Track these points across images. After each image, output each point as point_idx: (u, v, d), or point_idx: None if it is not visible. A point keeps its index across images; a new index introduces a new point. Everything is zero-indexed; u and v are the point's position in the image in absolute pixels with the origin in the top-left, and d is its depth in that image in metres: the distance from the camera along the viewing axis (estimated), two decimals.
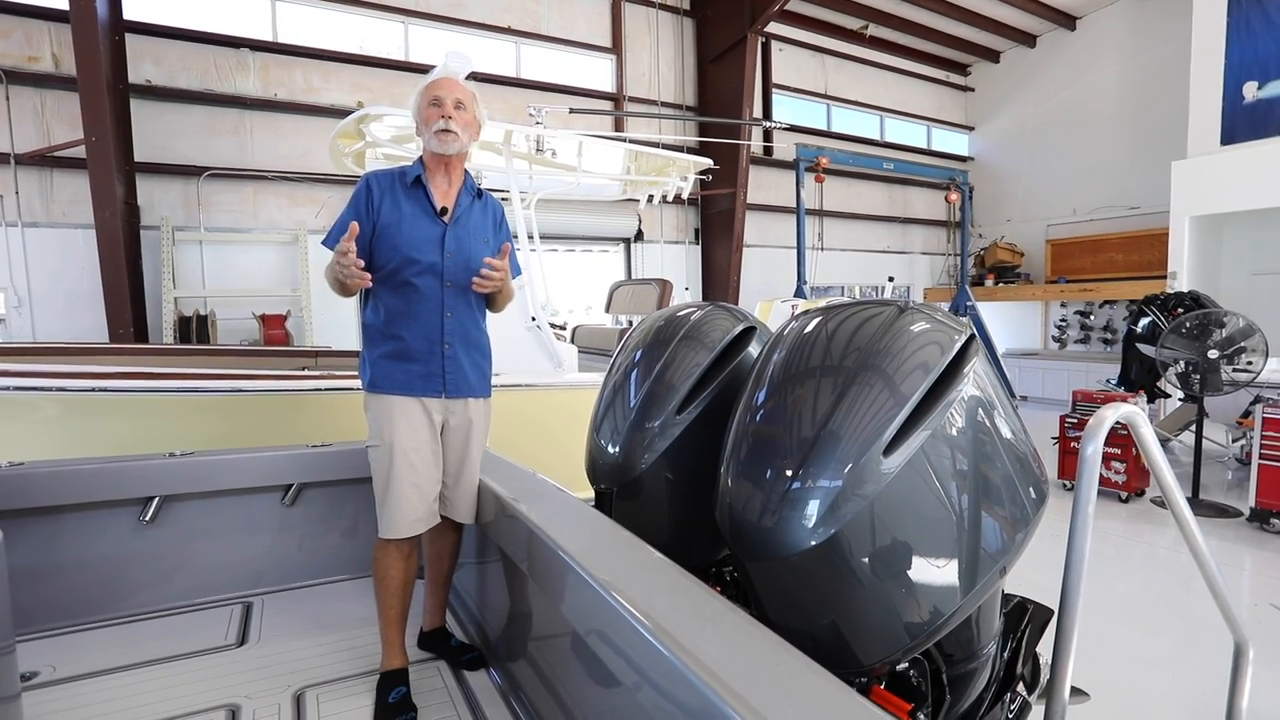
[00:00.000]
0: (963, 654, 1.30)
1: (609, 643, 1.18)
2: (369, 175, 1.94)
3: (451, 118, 1.90)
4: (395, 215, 1.90)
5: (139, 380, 3.32)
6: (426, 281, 1.89)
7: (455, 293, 1.92)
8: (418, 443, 1.87)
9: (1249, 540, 4.55)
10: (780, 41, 10.83)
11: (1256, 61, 7.70)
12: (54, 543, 2.19)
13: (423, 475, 1.88)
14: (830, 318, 1.26)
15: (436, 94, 1.92)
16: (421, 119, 1.94)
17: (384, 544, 1.87)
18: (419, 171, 1.95)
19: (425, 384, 1.89)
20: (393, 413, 1.86)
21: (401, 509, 1.85)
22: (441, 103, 1.91)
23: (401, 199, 1.92)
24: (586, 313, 9.33)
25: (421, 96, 1.95)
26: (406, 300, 1.88)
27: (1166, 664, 3.01)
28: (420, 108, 1.95)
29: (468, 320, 1.96)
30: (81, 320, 6.46)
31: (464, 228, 1.96)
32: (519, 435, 3.91)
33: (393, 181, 1.94)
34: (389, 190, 1.92)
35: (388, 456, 1.85)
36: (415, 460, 1.86)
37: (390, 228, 1.88)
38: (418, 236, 1.89)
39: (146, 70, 6.81)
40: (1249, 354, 5.14)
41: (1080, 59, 11.48)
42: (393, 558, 1.87)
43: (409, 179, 1.94)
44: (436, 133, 1.89)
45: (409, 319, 1.89)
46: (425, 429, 1.89)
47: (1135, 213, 10.70)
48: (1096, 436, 1.15)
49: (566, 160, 4.94)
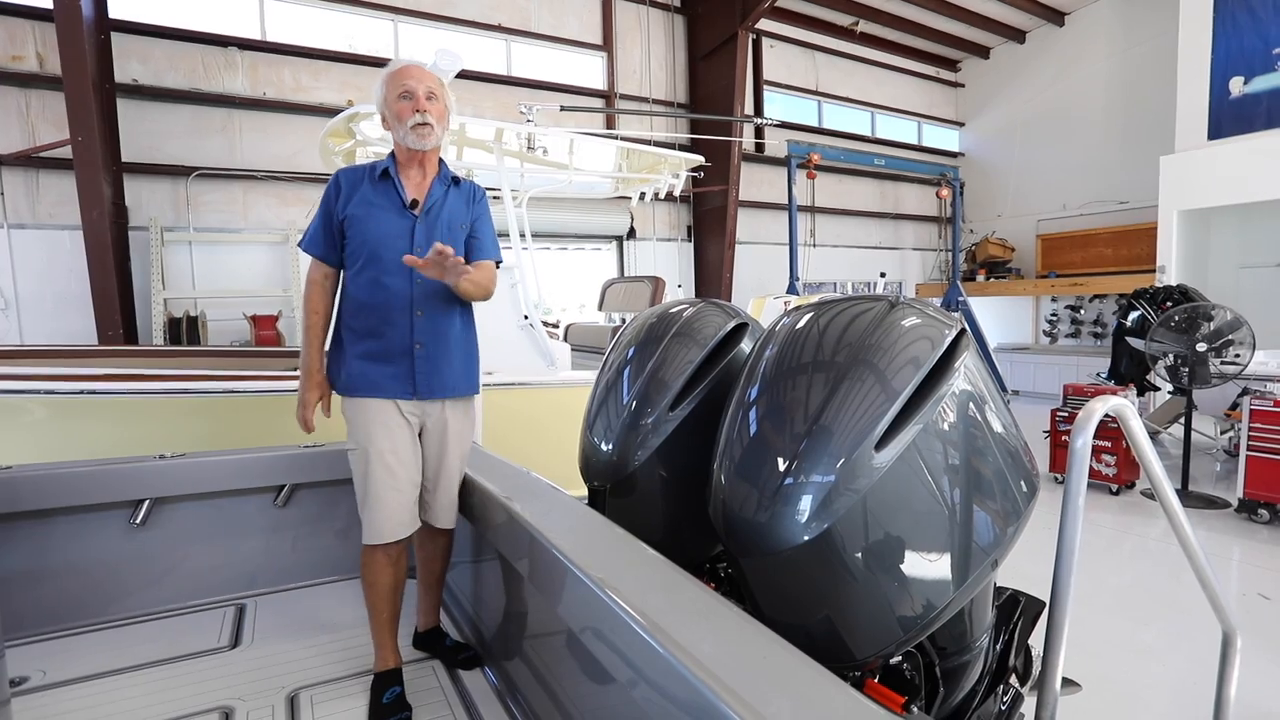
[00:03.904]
0: (956, 647, 1.31)
1: (603, 640, 1.18)
2: (339, 172, 1.88)
3: (426, 110, 1.81)
4: (362, 209, 1.83)
5: (128, 382, 3.29)
6: (395, 279, 1.81)
7: (426, 290, 1.83)
8: (394, 444, 1.82)
9: (1237, 531, 4.59)
10: (771, 38, 10.83)
11: (1242, 57, 7.76)
12: (43, 547, 2.17)
13: (402, 478, 1.83)
14: (821, 313, 1.26)
15: (406, 85, 1.82)
16: (392, 113, 1.84)
17: (370, 549, 1.84)
18: (388, 165, 1.88)
19: (397, 385, 1.83)
20: (367, 415, 1.82)
21: (382, 513, 1.81)
22: (413, 94, 1.81)
23: (369, 193, 1.84)
24: (579, 311, 9.32)
25: (386, 88, 1.85)
26: (375, 299, 1.81)
27: (1157, 654, 3.04)
28: (388, 100, 1.84)
29: (441, 318, 1.88)
30: (70, 322, 6.40)
31: (436, 219, 1.87)
32: (512, 433, 3.90)
33: (362, 176, 1.87)
34: (357, 184, 1.85)
35: (365, 460, 1.81)
36: (393, 463, 1.82)
37: (357, 222, 1.82)
38: (385, 231, 1.81)
39: (133, 69, 6.74)
40: (1236, 347, 5.18)
41: (1069, 55, 11.54)
42: (380, 563, 1.84)
43: (377, 172, 1.87)
44: (413, 128, 1.81)
45: (378, 318, 1.82)
46: (402, 430, 1.85)
47: (1124, 207, 10.78)
48: (1086, 429, 1.16)
49: (558, 158, 4.93)
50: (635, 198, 5.73)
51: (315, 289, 1.88)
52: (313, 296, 1.88)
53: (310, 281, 1.88)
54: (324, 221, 1.86)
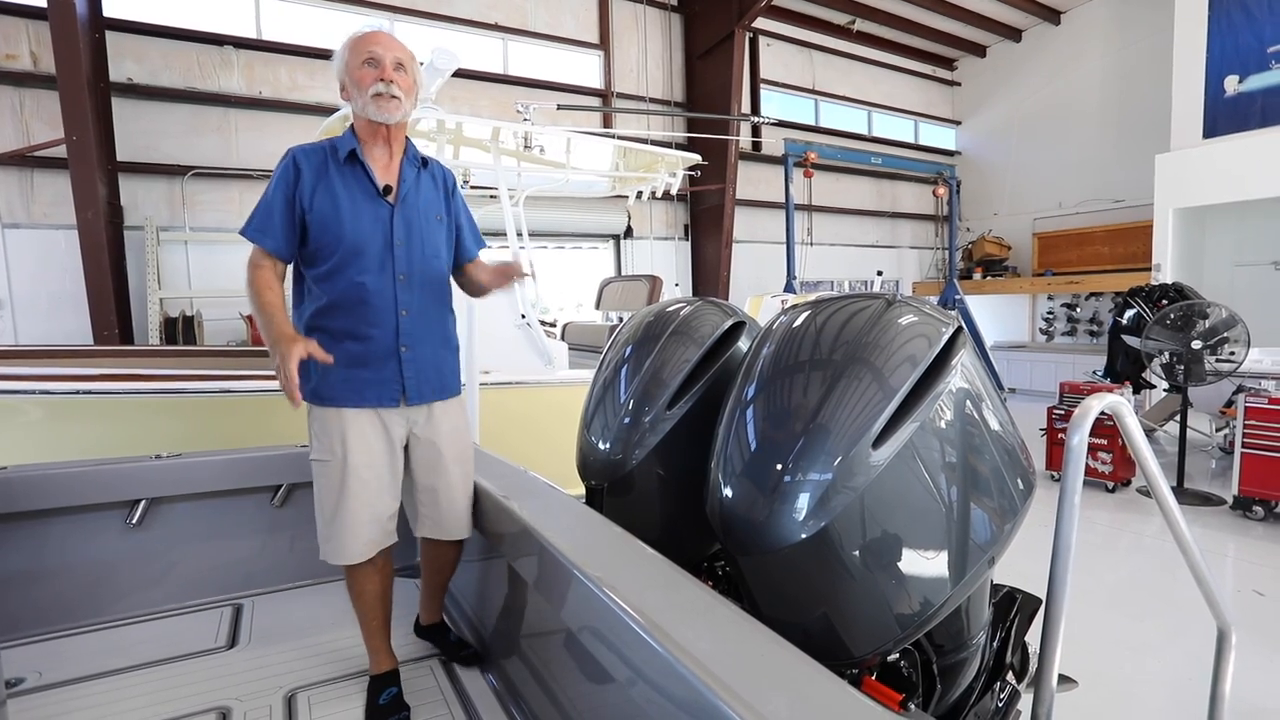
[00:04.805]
0: (953, 644, 1.31)
1: (601, 638, 1.18)
2: (295, 150, 1.64)
3: (393, 80, 1.62)
4: (330, 201, 1.61)
5: (124, 382, 3.28)
6: (375, 277, 1.62)
7: (410, 286, 1.67)
8: (372, 459, 1.66)
9: (1232, 527, 4.61)
10: (768, 37, 10.83)
11: (1237, 56, 7.79)
12: (39, 547, 2.16)
13: (376, 496, 1.68)
14: (818, 312, 1.27)
15: (372, 50, 1.63)
16: (353, 80, 1.63)
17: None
18: (353, 144, 1.65)
19: (379, 393, 1.66)
20: (343, 425, 1.64)
21: (352, 533, 1.65)
22: (379, 61, 1.62)
23: (335, 180, 1.63)
24: (577, 310, 9.31)
25: (349, 52, 1.65)
26: (352, 299, 1.62)
27: (1153, 650, 3.06)
28: (349, 66, 1.64)
29: (429, 316, 1.74)
30: (64, 322, 6.37)
31: (413, 208, 1.70)
32: (510, 433, 3.90)
33: (324, 159, 1.64)
34: (321, 170, 1.63)
35: (338, 475, 1.63)
36: (369, 478, 1.65)
37: (327, 216, 1.60)
38: (361, 224, 1.62)
39: (128, 68, 6.72)
40: (1231, 344, 5.21)
41: (1065, 53, 11.56)
42: (365, 573, 1.73)
43: (342, 154, 1.64)
44: (374, 97, 1.60)
45: (357, 320, 1.63)
46: (381, 443, 1.68)
47: (1120, 206, 10.81)
48: (1081, 427, 1.16)
49: (555, 157, 4.92)
50: (632, 196, 5.72)
51: (264, 271, 1.61)
52: (263, 275, 1.60)
53: (255, 265, 1.61)
54: (284, 208, 1.61)
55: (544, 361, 4.34)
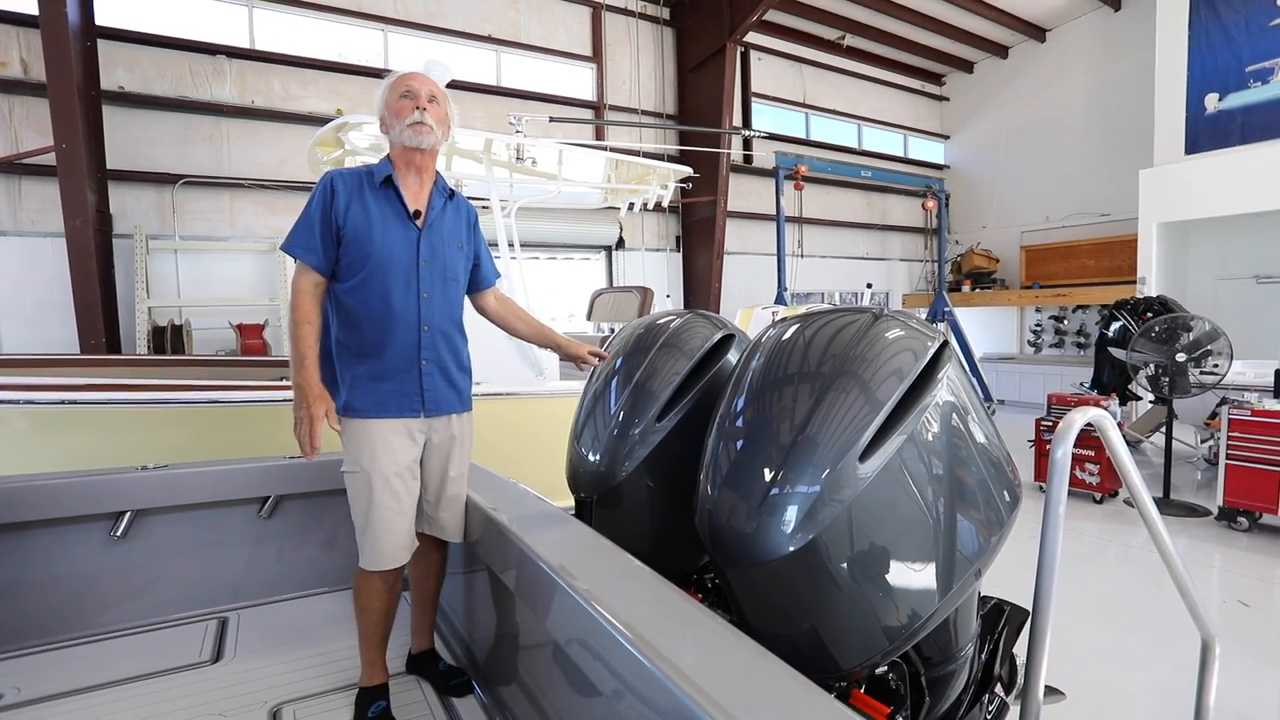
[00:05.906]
0: (941, 656, 1.32)
1: (589, 652, 1.18)
2: (332, 174, 1.78)
3: (426, 110, 1.79)
4: (364, 220, 1.75)
5: (110, 392, 3.25)
6: (400, 293, 1.76)
7: (431, 304, 1.80)
8: (399, 468, 1.77)
9: (1218, 539, 4.65)
10: (759, 51, 10.95)
11: (1217, 74, 7.96)
12: (21, 560, 2.13)
13: (406, 502, 1.79)
14: (806, 325, 1.28)
15: (410, 85, 1.81)
16: (392, 111, 1.81)
17: (367, 574, 1.78)
18: (388, 171, 1.80)
19: (402, 404, 1.77)
20: (371, 437, 1.74)
21: (387, 539, 1.75)
22: (415, 94, 1.79)
23: (370, 201, 1.77)
24: (568, 320, 9.31)
25: (391, 89, 1.83)
26: (379, 314, 1.74)
27: (1140, 661, 3.07)
28: (389, 100, 1.82)
29: (448, 334, 1.85)
30: (50, 331, 6.31)
31: (438, 233, 1.84)
32: (500, 444, 3.88)
33: (360, 182, 1.79)
34: (356, 192, 1.77)
35: (368, 484, 1.74)
36: (398, 486, 1.76)
37: (360, 234, 1.73)
38: (391, 244, 1.75)
39: (119, 77, 6.70)
40: (1215, 357, 5.28)
41: (1051, 70, 11.76)
42: (376, 589, 1.78)
43: (378, 179, 1.79)
44: (410, 125, 1.77)
45: (383, 334, 1.75)
46: (407, 452, 1.79)
47: (1106, 219, 10.96)
48: (1065, 439, 1.18)
49: (547, 168, 4.94)
50: (624, 208, 5.75)
51: (306, 298, 1.73)
52: (304, 305, 1.73)
53: (299, 290, 1.74)
54: (322, 227, 1.74)
55: (535, 372, 4.34)
